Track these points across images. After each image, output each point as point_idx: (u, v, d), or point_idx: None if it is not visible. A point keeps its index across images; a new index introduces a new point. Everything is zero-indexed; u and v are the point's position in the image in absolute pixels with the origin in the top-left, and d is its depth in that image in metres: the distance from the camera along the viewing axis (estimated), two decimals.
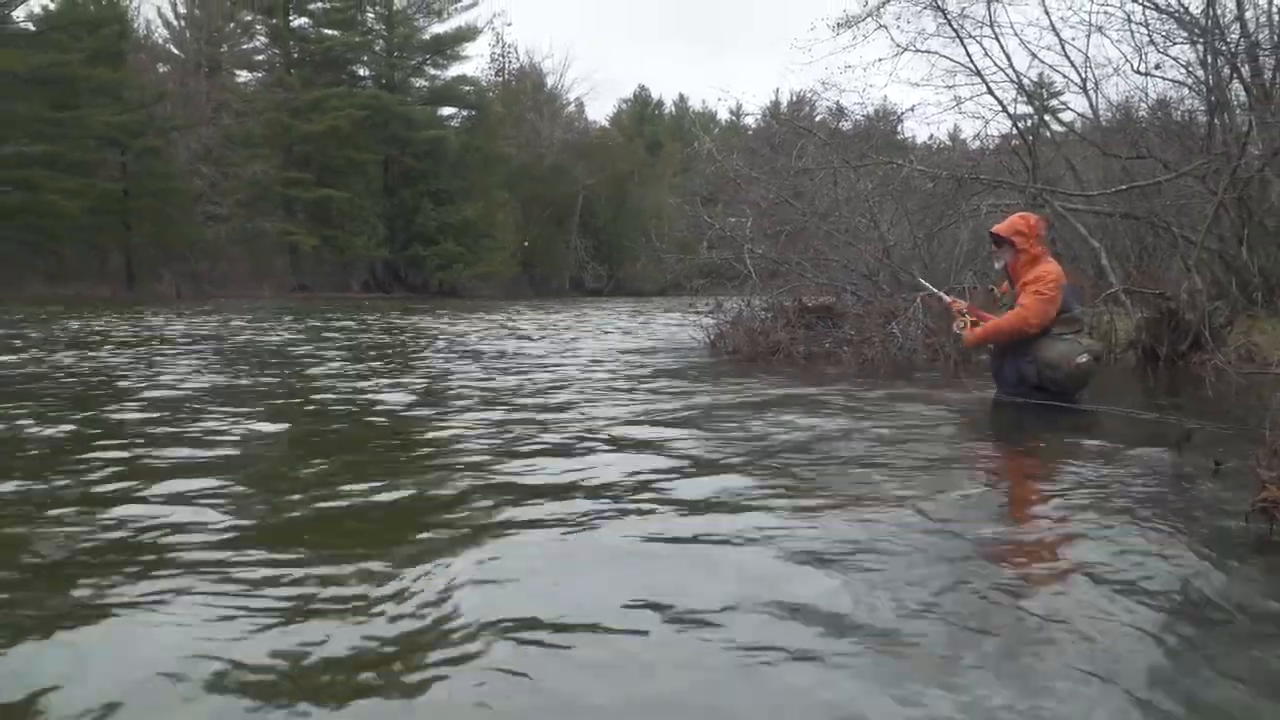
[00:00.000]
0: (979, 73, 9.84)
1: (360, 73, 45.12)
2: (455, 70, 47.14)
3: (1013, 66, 9.88)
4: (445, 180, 43.25)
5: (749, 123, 36.19)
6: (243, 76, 44.43)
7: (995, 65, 10.30)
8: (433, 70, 46.76)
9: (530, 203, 47.73)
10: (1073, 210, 8.81)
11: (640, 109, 67.18)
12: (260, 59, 44.38)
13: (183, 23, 43.74)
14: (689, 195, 12.83)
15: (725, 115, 47.88)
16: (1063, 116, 11.78)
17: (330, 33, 43.13)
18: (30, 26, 33.67)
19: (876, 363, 7.05)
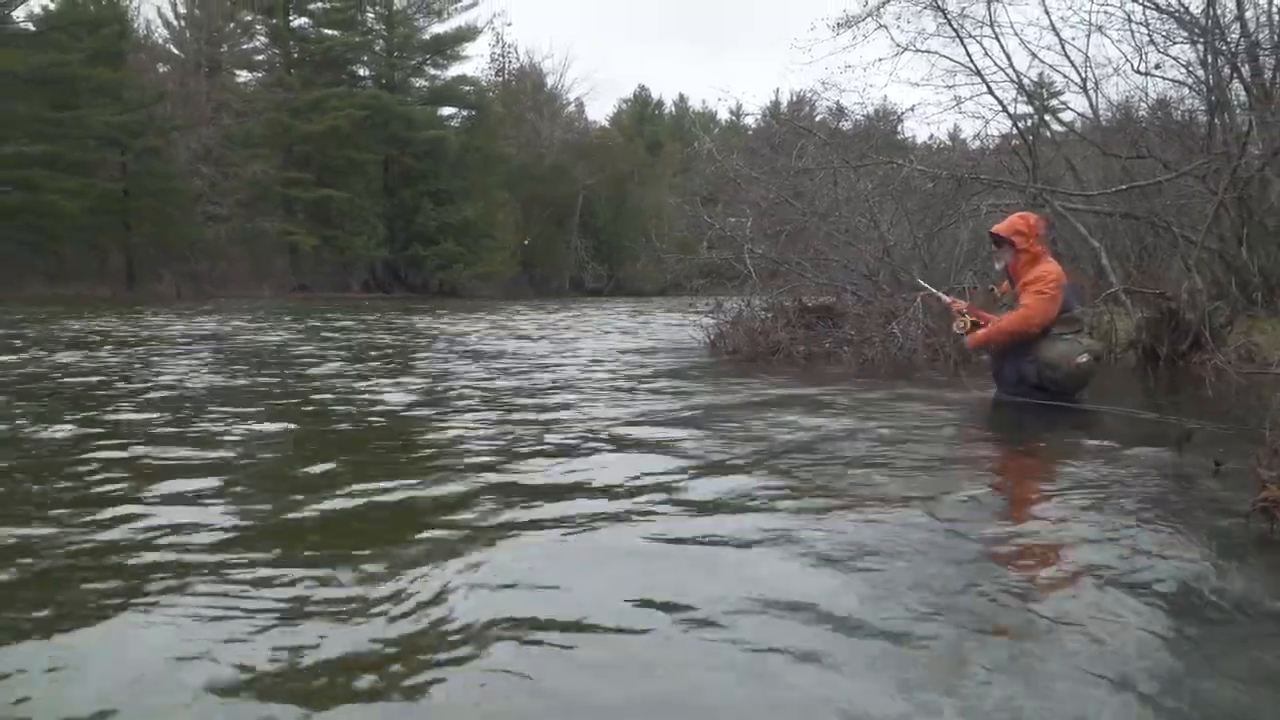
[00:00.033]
0: (979, 72, 9.85)
1: (360, 73, 45.10)
2: (455, 70, 47.19)
3: (1013, 66, 9.89)
4: (445, 180, 43.23)
5: (749, 123, 36.16)
6: (243, 76, 44.45)
7: (995, 65, 10.31)
8: (433, 70, 46.76)
9: (530, 203, 47.72)
10: (1073, 210, 8.81)
11: (640, 109, 67.14)
12: (260, 59, 44.37)
13: (183, 23, 43.75)
14: (689, 195, 12.81)
15: (725, 115, 47.94)
16: (1063, 116, 11.81)
17: (330, 33, 43.10)
18: (30, 26, 33.62)
19: (877, 363, 7.06)
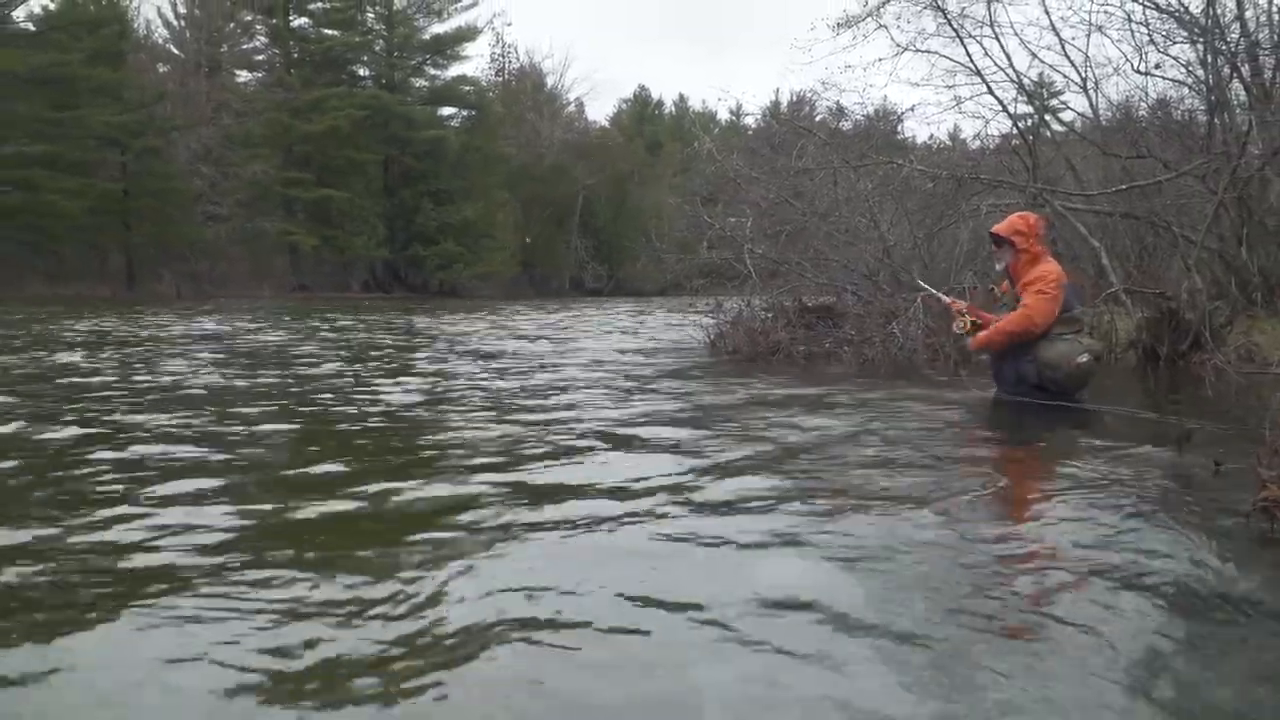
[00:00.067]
0: (979, 72, 9.85)
1: (360, 73, 45.10)
2: (455, 70, 47.20)
3: (1013, 66, 9.89)
4: (445, 180, 43.23)
5: (749, 123, 36.13)
6: (243, 76, 44.47)
7: (995, 65, 10.27)
8: (433, 70, 46.77)
9: (530, 203, 47.72)
10: (1073, 210, 8.81)
11: (640, 109, 67.12)
12: (260, 59, 44.39)
13: (183, 23, 43.77)
14: (689, 195, 12.82)
15: (725, 115, 47.88)
16: (1063, 116, 11.80)
17: (330, 33, 43.10)
18: (30, 26, 33.66)
19: (877, 363, 7.06)
